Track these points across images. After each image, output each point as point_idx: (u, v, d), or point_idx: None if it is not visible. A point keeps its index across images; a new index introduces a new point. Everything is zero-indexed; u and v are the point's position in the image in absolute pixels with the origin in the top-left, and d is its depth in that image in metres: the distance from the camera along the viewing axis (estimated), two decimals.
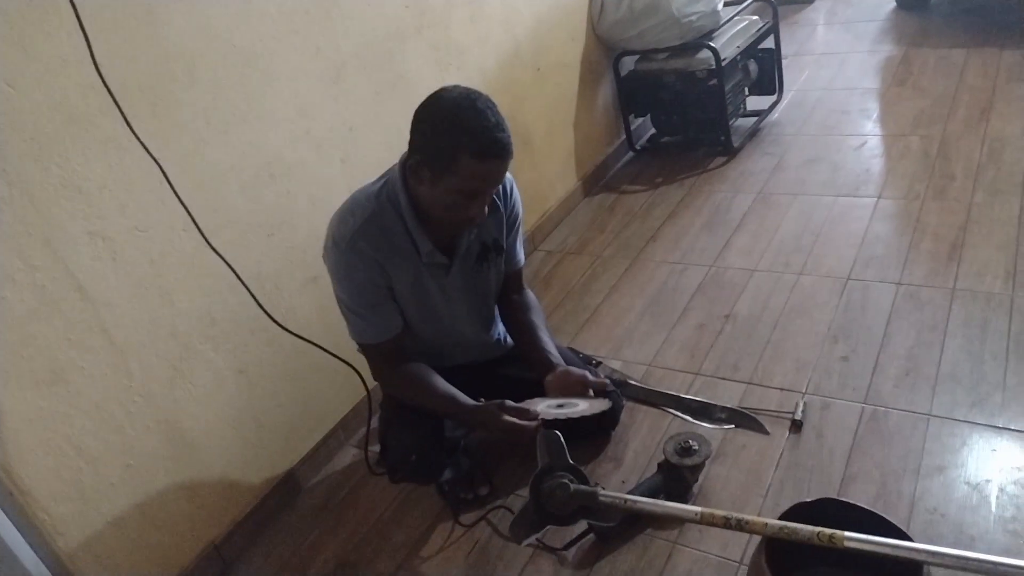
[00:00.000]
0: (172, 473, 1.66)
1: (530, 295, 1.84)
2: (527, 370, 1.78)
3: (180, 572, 1.70)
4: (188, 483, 1.70)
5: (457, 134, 1.33)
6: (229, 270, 1.57)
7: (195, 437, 1.69)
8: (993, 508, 1.48)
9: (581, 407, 1.60)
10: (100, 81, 1.37)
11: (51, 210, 1.38)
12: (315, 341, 1.73)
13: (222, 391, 1.73)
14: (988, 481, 1.54)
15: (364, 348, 1.63)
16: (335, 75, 1.92)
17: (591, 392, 1.67)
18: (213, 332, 1.69)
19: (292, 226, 1.84)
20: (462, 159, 1.33)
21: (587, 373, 1.67)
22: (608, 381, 1.72)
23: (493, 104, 1.37)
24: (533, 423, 1.52)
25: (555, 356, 1.71)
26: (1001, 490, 1.52)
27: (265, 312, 1.59)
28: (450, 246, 1.58)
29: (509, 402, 1.57)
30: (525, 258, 1.82)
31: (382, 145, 2.08)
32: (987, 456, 1.60)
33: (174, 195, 1.49)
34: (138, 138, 1.43)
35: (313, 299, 1.92)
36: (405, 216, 1.49)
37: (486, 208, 1.46)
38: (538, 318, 1.79)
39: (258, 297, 1.66)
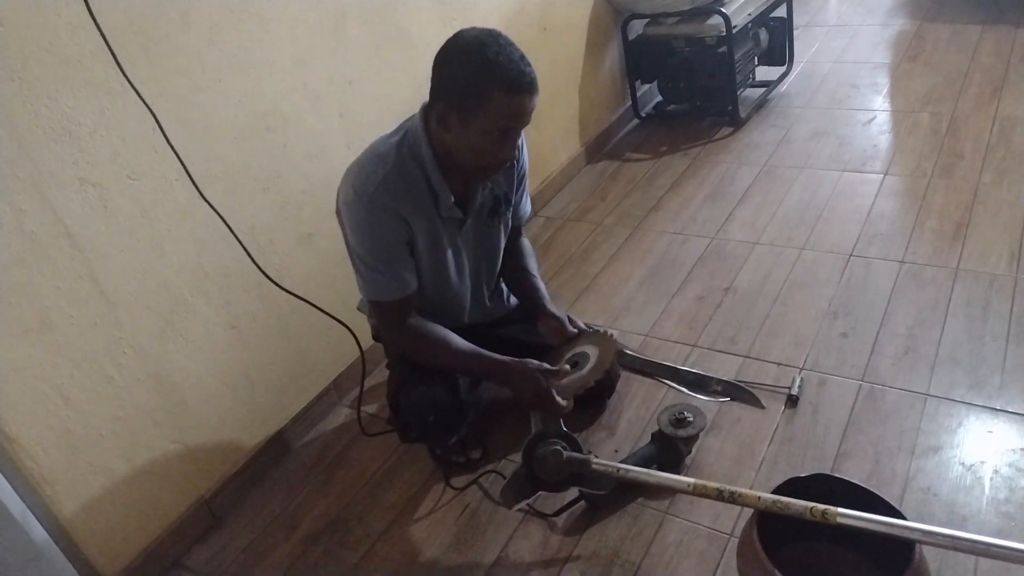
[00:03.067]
0: (162, 426, 1.64)
1: (526, 242, 1.85)
2: (527, 332, 1.78)
3: (169, 525, 1.69)
4: (178, 437, 1.68)
5: (485, 71, 1.30)
6: (222, 223, 1.54)
7: (186, 391, 1.67)
8: (987, 489, 1.48)
9: (591, 358, 1.64)
10: (91, 21, 1.32)
11: (40, 153, 1.33)
12: (309, 299, 1.71)
13: (213, 346, 1.71)
14: (983, 462, 1.53)
15: (378, 306, 1.57)
16: (334, 25, 1.86)
17: (588, 340, 1.70)
18: (205, 286, 1.66)
19: (287, 180, 1.80)
20: (493, 95, 1.31)
21: (579, 323, 1.71)
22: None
23: (512, 41, 1.35)
24: (567, 405, 1.55)
25: (548, 302, 1.74)
26: (995, 472, 1.51)
27: (258, 267, 1.56)
28: (464, 201, 1.55)
29: (546, 364, 1.57)
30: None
31: (382, 101, 2.03)
32: (983, 437, 1.59)
33: (167, 143, 1.45)
34: (130, 82, 1.39)
35: (308, 256, 1.89)
36: (428, 168, 1.46)
37: (516, 149, 1.44)
38: (531, 263, 1.81)
39: (251, 252, 1.63)
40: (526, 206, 1.77)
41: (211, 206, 1.52)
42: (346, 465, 1.87)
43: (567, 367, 1.62)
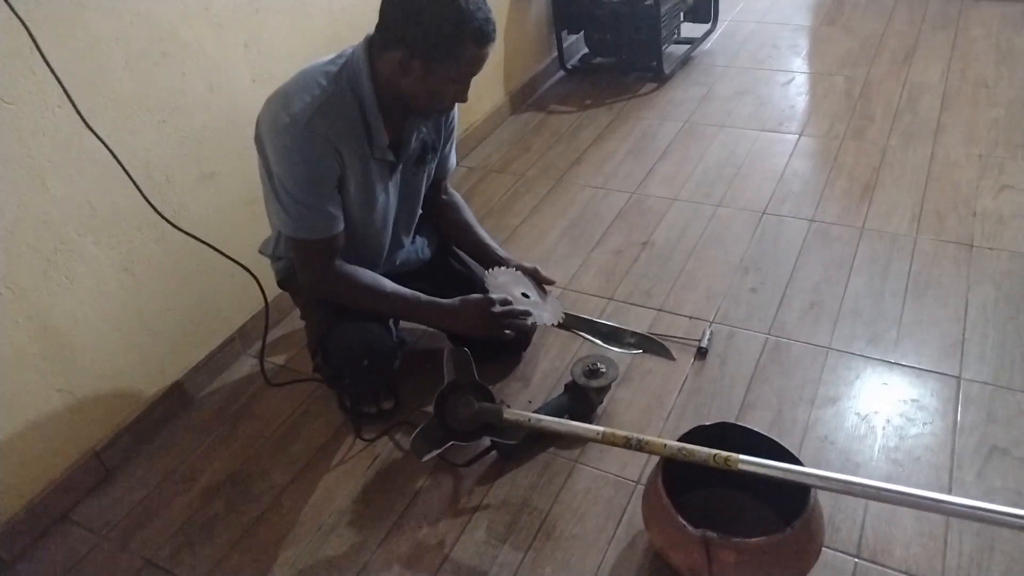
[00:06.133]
0: (46, 374, 1.53)
1: (457, 195, 1.84)
2: (438, 286, 1.73)
3: (56, 478, 1.59)
4: (65, 385, 1.57)
5: (459, 23, 1.28)
6: (111, 156, 1.41)
7: (73, 337, 1.56)
8: (879, 438, 1.55)
9: (544, 309, 1.72)
10: None
11: None
12: (210, 242, 1.61)
13: (103, 289, 1.59)
14: (877, 412, 1.60)
15: (301, 245, 1.47)
16: None
17: (544, 289, 1.77)
18: (93, 224, 1.54)
19: (187, 113, 1.67)
20: (466, 46, 1.31)
21: (537, 268, 1.76)
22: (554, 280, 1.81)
23: None
24: (529, 319, 1.61)
25: (501, 251, 1.77)
26: (888, 421, 1.58)
27: (151, 205, 1.44)
28: (397, 145, 1.49)
29: (490, 295, 1.59)
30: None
31: (293, 32, 1.91)
32: (878, 389, 1.66)
33: (44, 64, 1.31)
34: None
35: (209, 196, 1.78)
36: (366, 105, 1.39)
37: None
38: (471, 217, 1.82)
39: (146, 190, 1.51)
40: (452, 159, 1.74)
41: (98, 137, 1.39)
42: (250, 417, 1.80)
43: (512, 296, 1.64)
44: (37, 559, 1.54)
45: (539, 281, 1.77)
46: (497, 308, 1.57)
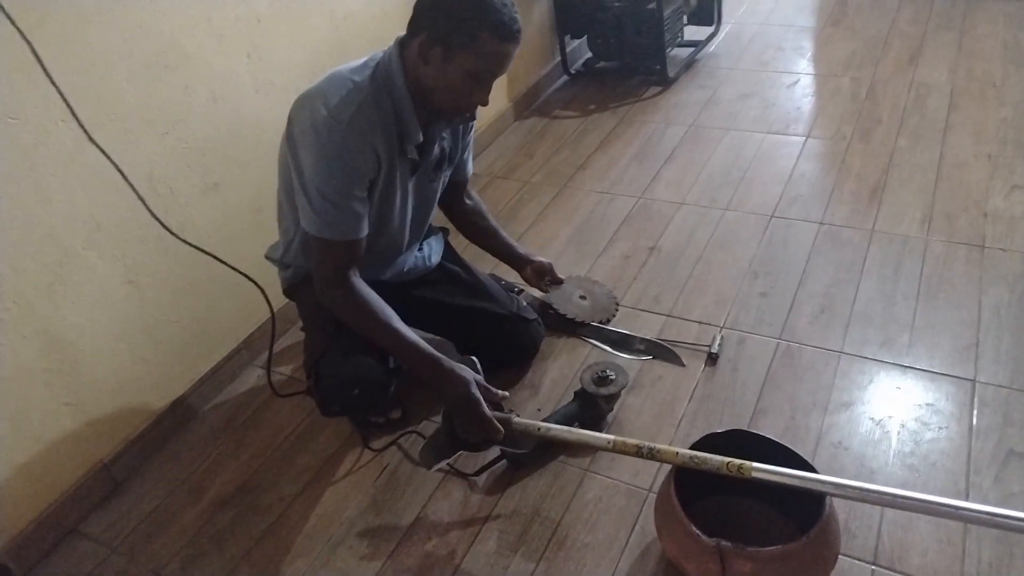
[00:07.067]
0: (54, 387, 1.52)
1: (479, 200, 1.89)
2: (445, 294, 1.74)
3: (65, 491, 1.59)
4: (73, 399, 1.57)
5: (480, 9, 1.28)
6: (115, 170, 1.41)
7: (79, 350, 1.55)
8: (894, 443, 1.52)
9: (587, 303, 1.94)
10: None
11: None
12: (215, 254, 1.60)
13: (109, 302, 1.59)
14: (891, 417, 1.58)
15: (323, 245, 1.42)
16: None
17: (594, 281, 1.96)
18: (98, 237, 1.53)
19: (190, 125, 1.67)
20: (483, 36, 1.29)
21: (551, 264, 1.90)
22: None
23: None
24: (500, 434, 1.39)
25: (521, 249, 1.89)
26: (902, 426, 1.56)
27: (155, 217, 1.44)
28: (423, 145, 1.49)
29: (482, 382, 1.43)
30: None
31: (296, 42, 1.91)
32: (892, 393, 1.64)
33: (46, 78, 1.31)
34: (2, 7, 1.24)
35: (214, 208, 1.77)
36: (401, 103, 1.39)
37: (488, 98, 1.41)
38: (494, 221, 1.90)
39: (150, 202, 1.50)
40: (470, 165, 1.76)
41: (101, 150, 1.39)
42: (258, 428, 1.79)
43: (505, 393, 1.47)
44: (47, 572, 1.53)
45: (553, 280, 1.90)
46: (475, 393, 1.40)
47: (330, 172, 1.35)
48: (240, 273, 1.59)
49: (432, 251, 1.79)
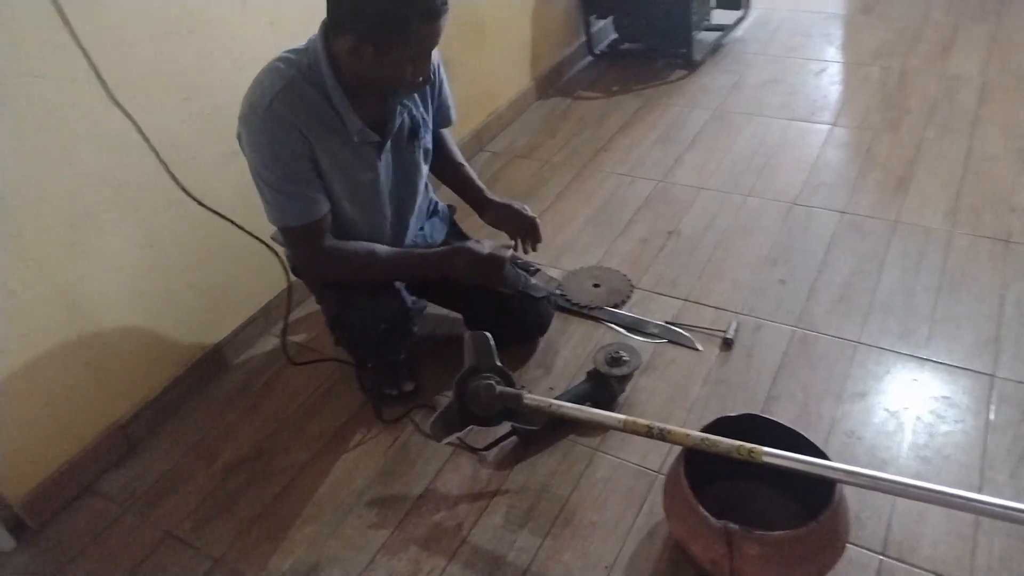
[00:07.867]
0: (72, 346, 1.54)
1: (446, 132, 1.77)
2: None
3: (81, 449, 1.61)
4: (91, 359, 1.59)
5: (407, 3, 1.23)
6: (137, 132, 1.41)
7: (98, 311, 1.57)
8: (908, 435, 1.51)
9: (601, 289, 1.88)
10: None
11: None
12: (235, 220, 1.61)
13: (128, 264, 1.60)
14: (906, 409, 1.56)
15: (286, 233, 1.48)
16: None
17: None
18: (118, 199, 1.54)
19: (211, 91, 1.67)
20: (413, 26, 1.26)
21: (524, 207, 1.74)
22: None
23: None
24: (506, 252, 1.56)
25: (487, 190, 1.77)
26: (918, 418, 1.54)
27: (176, 181, 1.45)
28: (382, 123, 1.47)
29: (478, 240, 1.59)
30: (465, 156, 1.80)
31: (317, 11, 1.87)
32: (908, 385, 1.62)
33: (72, 38, 1.31)
34: None
35: (234, 175, 1.76)
36: (329, 90, 1.36)
37: (432, 66, 1.39)
38: (459, 153, 1.80)
39: (171, 166, 1.52)
40: (452, 112, 1.68)
41: (125, 112, 1.40)
42: (272, 395, 1.81)
43: (511, 242, 1.66)
44: (61, 528, 1.56)
45: (535, 239, 1.76)
46: (486, 251, 1.55)
47: (265, 160, 1.37)
48: (259, 240, 1.60)
49: (434, 229, 1.78)
